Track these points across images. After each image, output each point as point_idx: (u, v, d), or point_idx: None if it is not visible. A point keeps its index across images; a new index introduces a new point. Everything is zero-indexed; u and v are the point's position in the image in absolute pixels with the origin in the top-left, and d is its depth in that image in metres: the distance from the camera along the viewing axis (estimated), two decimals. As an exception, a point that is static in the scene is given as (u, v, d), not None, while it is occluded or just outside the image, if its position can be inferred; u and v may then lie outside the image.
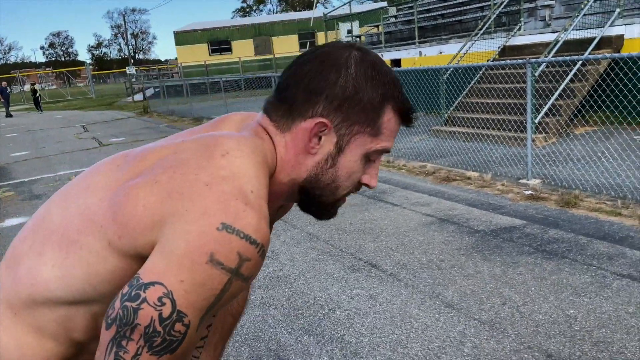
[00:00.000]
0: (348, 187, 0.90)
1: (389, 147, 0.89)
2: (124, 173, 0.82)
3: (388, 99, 0.85)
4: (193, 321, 0.71)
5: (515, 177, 5.63)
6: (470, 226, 4.26)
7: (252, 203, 0.74)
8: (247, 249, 0.72)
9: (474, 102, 8.45)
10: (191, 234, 0.70)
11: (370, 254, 3.82)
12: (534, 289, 3.08)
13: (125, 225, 0.75)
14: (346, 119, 0.84)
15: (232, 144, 0.80)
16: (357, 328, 2.79)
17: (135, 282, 0.71)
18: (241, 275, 0.73)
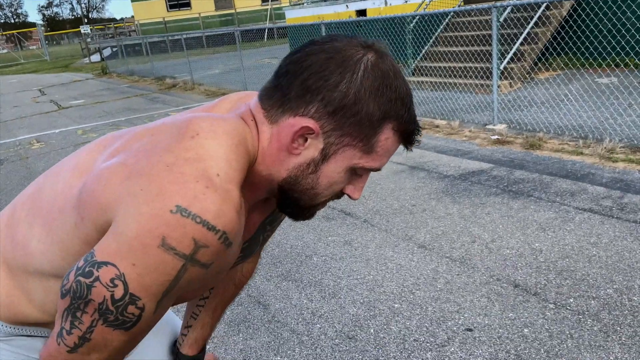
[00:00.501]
0: (327, 195, 0.84)
1: (379, 166, 0.81)
2: (106, 155, 0.80)
3: (390, 117, 0.77)
4: (148, 305, 0.70)
5: (482, 123, 5.73)
6: (440, 172, 4.36)
7: (215, 186, 0.69)
8: (204, 235, 0.68)
9: (440, 51, 8.45)
10: (143, 216, 0.67)
11: (343, 202, 3.87)
12: (501, 226, 3.20)
13: (87, 205, 0.74)
14: (338, 128, 0.76)
15: (205, 125, 0.76)
16: (334, 272, 2.87)
17: (89, 257, 0.70)
18: (197, 262, 0.69)
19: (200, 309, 1.15)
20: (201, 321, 1.15)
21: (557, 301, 2.38)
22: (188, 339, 1.14)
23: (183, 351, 1.14)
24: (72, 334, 0.70)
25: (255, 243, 0.98)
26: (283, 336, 2.36)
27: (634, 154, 4.15)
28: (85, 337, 0.70)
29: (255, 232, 0.95)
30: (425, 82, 8.00)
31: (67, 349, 0.71)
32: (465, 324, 2.30)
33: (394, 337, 2.27)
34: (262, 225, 0.96)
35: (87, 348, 0.71)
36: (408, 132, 0.80)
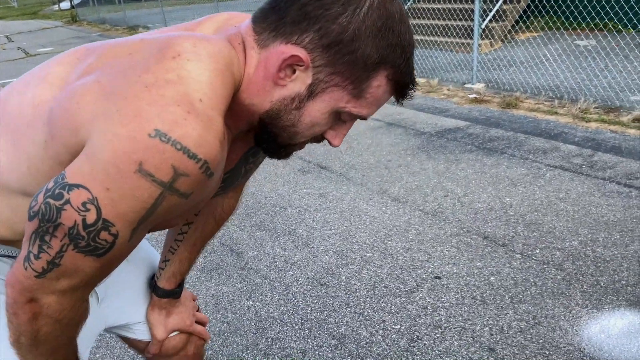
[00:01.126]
0: (307, 136, 0.79)
1: (366, 115, 0.77)
2: (80, 69, 0.75)
3: (387, 63, 0.72)
4: (122, 232, 0.67)
5: (460, 82, 5.72)
6: (417, 129, 4.36)
7: (197, 112, 0.65)
8: (184, 162, 0.64)
9: (422, 8, 8.32)
10: (119, 138, 0.63)
11: (319, 157, 3.86)
12: (474, 182, 3.25)
13: (59, 124, 0.70)
14: (330, 65, 0.71)
15: (188, 45, 0.71)
16: (308, 223, 2.89)
17: (60, 179, 0.66)
18: (176, 191, 0.66)
19: (178, 244, 1.13)
20: (179, 255, 1.13)
21: (523, 252, 2.44)
22: (165, 272, 1.12)
23: (160, 284, 1.12)
24: (40, 259, 0.68)
25: (237, 174, 0.95)
26: (255, 282, 2.38)
27: (607, 114, 4.21)
28: (54, 262, 0.68)
29: (237, 163, 0.92)
30: (406, 40, 7.90)
31: (34, 273, 0.68)
32: (434, 272, 2.36)
33: (364, 283, 2.31)
34: (245, 157, 0.93)
35: (56, 273, 0.68)
36: (402, 83, 0.76)
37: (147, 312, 1.12)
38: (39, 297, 0.70)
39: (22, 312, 0.71)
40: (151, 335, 1.12)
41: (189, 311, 1.18)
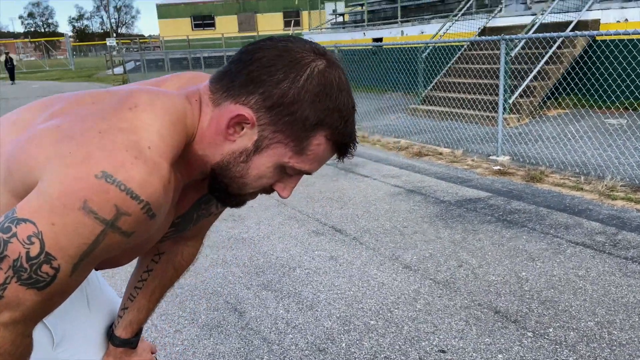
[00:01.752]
0: (256, 187, 0.85)
1: (309, 170, 0.83)
2: (46, 114, 0.81)
3: (324, 126, 0.78)
4: (64, 266, 0.70)
5: (485, 153, 5.71)
6: (437, 197, 4.33)
7: (144, 157, 0.70)
8: (126, 203, 0.68)
9: (451, 82, 8.50)
10: (68, 178, 0.68)
11: (335, 219, 3.86)
12: (490, 253, 3.16)
13: (17, 162, 0.74)
14: (272, 124, 0.78)
15: (145, 98, 0.77)
16: (315, 285, 2.84)
17: (10, 214, 0.70)
18: (118, 229, 0.70)
19: (138, 291, 1.13)
20: (137, 303, 1.12)
21: (536, 330, 2.32)
22: (123, 320, 1.11)
23: (117, 333, 1.11)
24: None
25: (189, 220, 0.98)
26: (254, 343, 2.32)
27: (634, 193, 4.09)
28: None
29: (190, 209, 0.95)
30: (434, 111, 8.03)
31: None
32: (439, 345, 2.25)
33: (365, 352, 2.22)
34: (197, 204, 0.96)
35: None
36: (341, 143, 0.81)
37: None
38: None
39: None
40: None
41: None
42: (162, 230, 0.87)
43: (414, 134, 7.00)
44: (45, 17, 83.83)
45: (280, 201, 4.33)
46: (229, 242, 3.48)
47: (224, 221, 3.88)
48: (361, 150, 6.37)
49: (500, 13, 9.62)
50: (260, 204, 4.29)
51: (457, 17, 9.52)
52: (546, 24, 7.86)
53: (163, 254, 1.13)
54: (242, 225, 3.80)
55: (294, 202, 4.31)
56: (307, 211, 4.07)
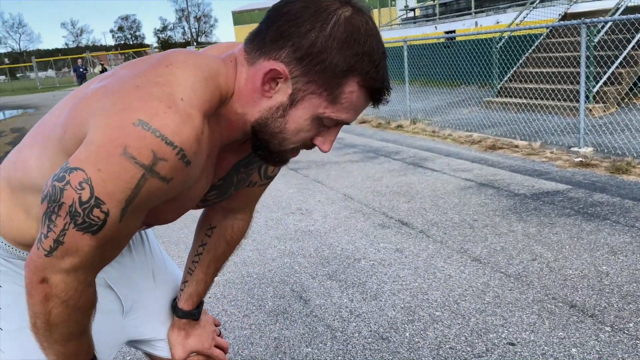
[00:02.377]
0: (296, 142, 0.86)
1: (345, 119, 0.83)
2: (98, 80, 0.88)
3: (355, 72, 0.79)
4: (113, 211, 0.75)
5: (566, 145, 5.39)
6: (511, 190, 4.15)
7: (177, 107, 0.75)
8: (162, 148, 0.73)
9: (529, 72, 8.10)
10: (109, 127, 0.73)
11: (402, 213, 3.81)
12: (568, 247, 2.98)
13: (70, 121, 0.81)
14: (304, 75, 0.80)
15: (180, 57, 0.83)
16: (379, 276, 2.83)
17: (64, 165, 0.76)
18: (156, 174, 0.74)
19: (195, 265, 1.18)
20: (196, 277, 1.18)
21: (614, 324, 2.16)
22: (184, 293, 1.17)
23: (179, 305, 1.17)
24: (48, 238, 0.77)
25: (229, 183, 1.02)
26: (318, 330, 2.36)
27: None
28: (59, 240, 0.76)
29: (230, 170, 0.99)
30: (510, 104, 7.69)
31: (44, 252, 0.77)
32: (509, 338, 2.16)
33: (429, 342, 2.19)
34: (237, 167, 1.00)
35: (61, 252, 0.77)
36: (374, 89, 0.81)
37: (168, 331, 1.17)
38: (49, 276, 0.78)
39: (35, 292, 0.79)
40: (170, 354, 1.17)
41: (209, 334, 1.20)
42: (202, 186, 0.91)
43: (487, 128, 6.75)
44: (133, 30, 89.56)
45: (347, 196, 4.35)
46: (295, 235, 3.55)
47: (292, 214, 3.96)
48: (431, 144, 6.25)
49: (583, -3, 9.03)
50: (327, 198, 4.34)
51: (535, 4, 9.05)
52: (633, 7, 7.28)
53: (215, 227, 1.18)
54: (308, 219, 3.85)
55: (360, 196, 4.32)
56: (373, 205, 4.06)
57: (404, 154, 5.85)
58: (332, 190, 4.57)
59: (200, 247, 1.18)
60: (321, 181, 4.91)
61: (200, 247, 1.18)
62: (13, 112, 17.54)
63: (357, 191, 4.47)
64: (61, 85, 34.41)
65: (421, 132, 7.10)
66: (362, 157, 5.86)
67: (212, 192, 1.00)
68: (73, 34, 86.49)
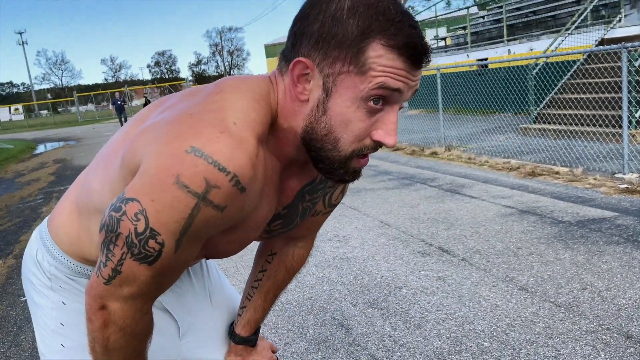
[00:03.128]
0: (351, 140, 0.78)
1: (386, 83, 0.74)
2: (159, 111, 0.87)
3: (371, 32, 0.73)
4: (167, 242, 0.73)
5: (609, 171, 5.22)
6: (554, 217, 4.03)
7: (230, 132, 0.73)
8: (215, 175, 0.71)
9: (566, 98, 7.96)
10: (162, 155, 0.72)
11: (442, 240, 3.74)
12: (619, 276, 2.85)
13: (127, 150, 0.81)
14: (326, 57, 0.76)
15: (231, 82, 0.82)
16: (422, 305, 2.75)
17: (121, 195, 0.75)
18: (210, 202, 0.72)
19: (254, 291, 1.17)
20: (254, 303, 1.16)
21: (679, 358, 2.03)
22: (242, 319, 1.16)
23: (237, 331, 1.16)
24: (107, 266, 0.77)
25: (295, 212, 0.99)
26: (361, 359, 2.30)
27: None
28: (116, 269, 0.76)
29: (295, 198, 0.96)
30: (548, 130, 7.55)
31: (103, 280, 0.77)
32: (563, 371, 2.06)
33: (478, 374, 2.10)
34: (301, 194, 0.97)
35: (119, 280, 0.77)
36: (403, 45, 0.73)
37: (225, 356, 1.15)
38: (108, 303, 0.78)
39: (95, 317, 0.79)
40: None
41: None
42: (264, 215, 0.88)
43: (525, 154, 6.62)
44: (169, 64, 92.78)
45: (384, 223, 4.30)
46: (334, 262, 3.51)
47: (329, 242, 3.93)
48: (467, 171, 6.16)
49: (620, 23, 8.90)
50: (364, 225, 4.30)
51: (570, 31, 8.96)
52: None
53: (275, 254, 1.17)
54: (346, 246, 3.82)
55: (397, 223, 4.26)
56: (412, 232, 4.00)
57: (440, 181, 5.78)
58: (369, 217, 4.53)
59: (260, 273, 1.17)
60: (357, 208, 4.88)
61: (260, 273, 1.17)
62: (55, 144, 18.24)
63: (394, 218, 4.42)
64: (101, 118, 35.69)
65: (456, 159, 7.01)
66: (398, 184, 5.82)
67: (277, 221, 0.98)
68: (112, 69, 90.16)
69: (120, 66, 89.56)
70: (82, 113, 39.66)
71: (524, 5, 12.86)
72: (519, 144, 7.20)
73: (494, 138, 8.13)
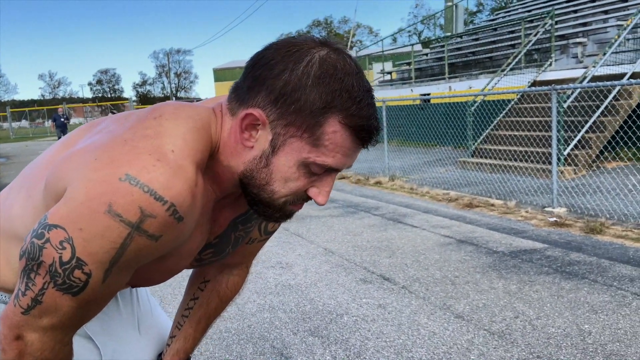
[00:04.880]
0: (287, 194, 0.79)
1: (333, 164, 0.76)
2: (89, 135, 0.84)
3: (334, 109, 0.73)
4: (95, 272, 0.70)
5: (540, 205, 5.52)
6: (489, 247, 4.19)
7: (167, 160, 0.70)
8: (151, 204, 0.68)
9: (502, 135, 8.40)
10: (92, 182, 0.68)
11: (384, 268, 3.79)
12: (549, 305, 2.99)
13: (52, 174, 0.77)
14: (282, 117, 0.74)
15: (170, 109, 0.79)
16: (363, 332, 2.76)
17: (42, 220, 0.71)
18: (144, 232, 0.69)
19: (185, 320, 1.13)
20: (184, 332, 1.12)
21: (602, 384, 2.14)
22: (171, 349, 1.11)
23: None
24: (26, 295, 0.72)
25: (226, 241, 0.96)
26: (299, 389, 2.26)
27: None
28: (37, 299, 0.71)
29: (227, 228, 0.94)
30: (484, 164, 7.91)
31: (21, 310, 0.72)
32: (496, 397, 2.11)
33: (415, 402, 2.11)
34: (234, 223, 0.94)
35: (39, 311, 0.72)
36: (358, 127, 0.74)
37: None
38: (24, 334, 0.73)
39: (9, 348, 0.74)
40: None
41: None
42: (196, 244, 0.85)
43: (463, 186, 6.89)
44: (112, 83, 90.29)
45: (328, 250, 4.31)
46: (275, 289, 3.47)
47: (272, 268, 3.89)
48: (410, 201, 6.32)
49: (551, 67, 9.56)
50: (307, 252, 4.29)
51: (506, 72, 9.52)
52: (599, 76, 7.73)
53: (209, 282, 1.13)
54: (289, 273, 3.79)
55: (341, 250, 4.29)
56: (355, 259, 4.03)
57: (383, 210, 5.89)
58: (313, 244, 4.54)
59: (192, 301, 1.13)
60: (301, 235, 4.88)
61: (192, 301, 1.13)
62: (-17, 160, 17.12)
63: (338, 245, 4.44)
64: (34, 136, 34.04)
65: (399, 189, 7.19)
66: (343, 212, 5.88)
67: (208, 250, 0.95)
68: (50, 85, 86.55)
69: (59, 82, 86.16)
70: (15, 129, 37.67)
71: (464, 45, 13.59)
72: (457, 177, 7.49)
73: (434, 170, 8.41)
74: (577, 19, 11.29)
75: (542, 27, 9.90)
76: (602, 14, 10.95)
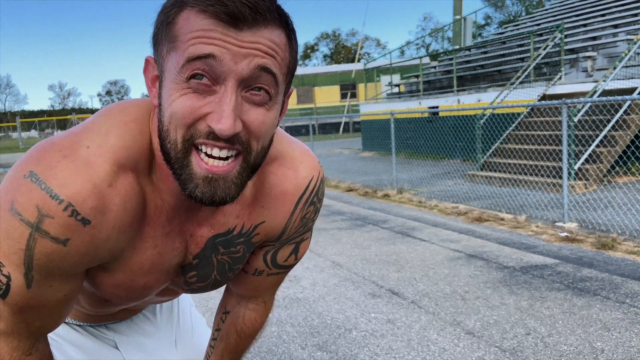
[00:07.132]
0: (178, 126, 0.65)
1: (193, 53, 0.63)
2: None
3: (183, 4, 0.64)
4: (14, 275, 0.66)
5: (550, 220, 5.47)
6: (500, 262, 4.15)
7: (75, 157, 0.65)
8: (47, 203, 0.63)
9: (511, 148, 8.36)
10: (6, 179, 0.66)
11: (392, 282, 3.76)
12: (561, 322, 2.94)
13: None
14: (155, 46, 0.68)
15: (113, 105, 0.75)
16: (371, 348, 2.73)
17: None
18: (46, 233, 0.64)
19: (211, 350, 1.09)
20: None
21: (617, 405, 2.09)
22: None
23: None
24: None
25: (208, 264, 0.87)
26: (308, 405, 2.23)
27: None
28: None
29: (204, 248, 0.84)
30: (494, 177, 7.87)
31: None
32: (508, 417, 2.07)
33: (425, 421, 2.08)
34: (213, 244, 0.84)
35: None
36: (212, 3, 0.62)
37: None
38: None
39: None
40: None
41: None
42: (149, 260, 0.78)
43: (473, 200, 6.84)
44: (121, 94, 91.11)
45: (336, 263, 4.29)
46: (283, 302, 3.45)
47: (280, 281, 3.87)
48: (418, 214, 6.28)
49: (560, 81, 9.53)
50: (315, 265, 4.27)
51: (515, 85, 9.50)
52: (609, 90, 7.69)
53: (229, 313, 1.07)
54: (297, 286, 3.77)
55: (349, 264, 4.26)
56: (363, 273, 4.00)
57: (391, 223, 5.86)
58: (321, 257, 4.51)
59: (216, 332, 1.09)
60: (309, 248, 4.85)
61: (216, 332, 1.09)
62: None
63: (346, 259, 4.42)
64: (46, 145, 34.20)
65: (408, 202, 7.15)
66: (350, 225, 5.85)
67: (191, 272, 0.87)
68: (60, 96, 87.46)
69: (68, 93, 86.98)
70: (24, 140, 38.04)
71: (473, 59, 13.60)
72: (466, 190, 7.45)
73: (443, 183, 8.37)
74: (587, 33, 11.28)
75: (552, 40, 9.89)
76: (611, 28, 10.93)
